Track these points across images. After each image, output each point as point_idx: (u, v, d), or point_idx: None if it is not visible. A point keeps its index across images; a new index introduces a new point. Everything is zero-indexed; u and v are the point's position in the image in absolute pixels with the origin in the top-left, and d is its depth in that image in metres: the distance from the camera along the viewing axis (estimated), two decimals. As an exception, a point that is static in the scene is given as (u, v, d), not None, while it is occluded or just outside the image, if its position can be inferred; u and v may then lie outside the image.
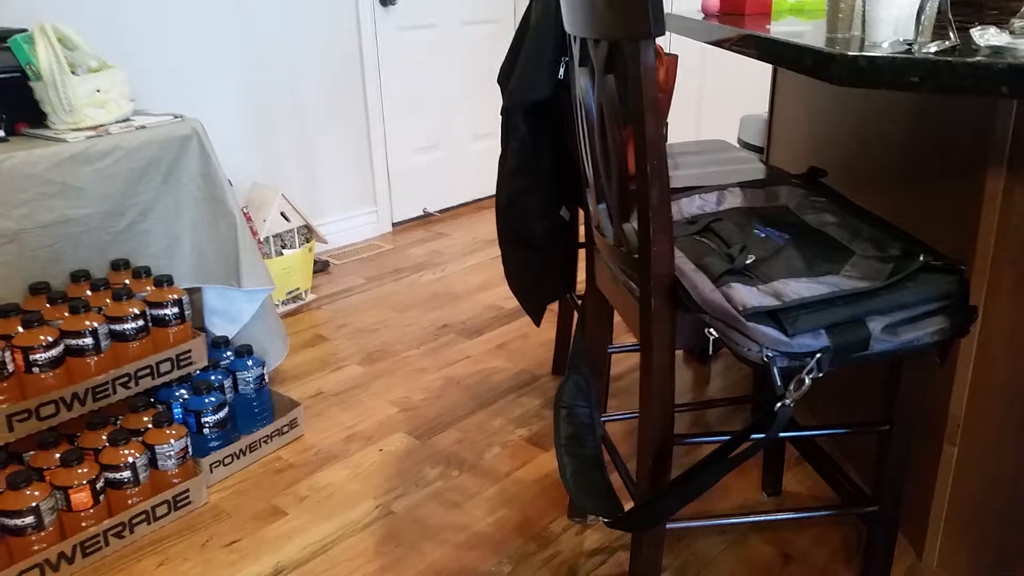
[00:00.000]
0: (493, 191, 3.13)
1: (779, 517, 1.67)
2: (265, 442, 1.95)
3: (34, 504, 1.50)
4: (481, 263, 3.19)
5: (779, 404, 1.03)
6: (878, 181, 1.59)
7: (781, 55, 1.22)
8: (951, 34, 1.11)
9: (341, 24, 3.18)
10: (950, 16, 1.13)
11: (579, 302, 2.07)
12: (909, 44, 1.10)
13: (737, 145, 2.42)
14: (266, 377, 1.98)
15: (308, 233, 2.83)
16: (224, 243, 1.95)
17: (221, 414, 1.83)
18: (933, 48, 1.05)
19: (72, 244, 1.74)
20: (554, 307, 2.29)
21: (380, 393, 2.23)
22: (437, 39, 3.59)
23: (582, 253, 2.64)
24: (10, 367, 1.53)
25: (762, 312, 1.01)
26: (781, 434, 1.10)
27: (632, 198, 1.12)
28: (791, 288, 1.04)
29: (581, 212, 1.97)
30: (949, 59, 0.98)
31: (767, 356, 1.02)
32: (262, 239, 2.64)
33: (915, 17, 1.13)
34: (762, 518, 1.66)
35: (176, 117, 1.89)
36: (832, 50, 1.07)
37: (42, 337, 1.56)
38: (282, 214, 2.73)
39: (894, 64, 1.01)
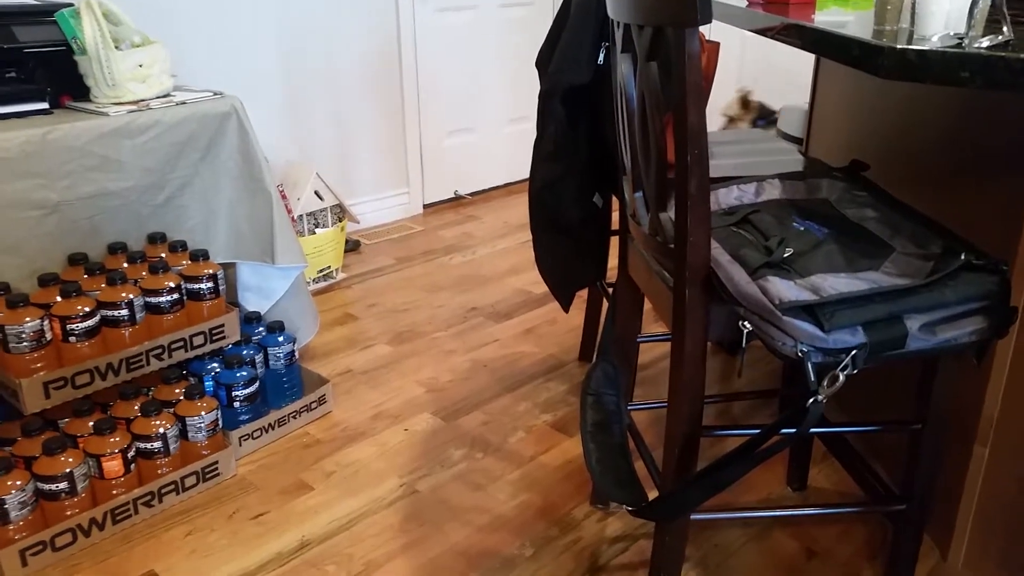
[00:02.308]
0: (526, 175, 3.12)
1: (804, 512, 1.67)
2: (294, 417, 1.97)
3: (68, 470, 1.53)
4: (511, 247, 3.19)
5: (812, 400, 1.02)
6: (921, 176, 1.56)
7: (827, 46, 1.20)
8: (1004, 28, 1.08)
9: (379, 4, 3.18)
10: (1004, 10, 1.10)
11: (609, 289, 2.07)
12: (960, 38, 1.08)
13: (777, 136, 2.40)
14: (296, 353, 2.00)
15: (341, 212, 2.85)
16: (259, 220, 1.97)
17: (251, 388, 1.86)
18: (985, 43, 1.03)
19: (111, 216, 1.77)
20: (583, 293, 2.28)
21: (407, 373, 2.25)
22: (475, 21, 3.57)
23: (614, 241, 2.63)
24: (48, 336, 1.56)
25: (799, 306, 1.00)
26: (811, 430, 1.09)
27: (670, 187, 1.12)
28: (829, 283, 1.03)
29: (614, 199, 1.96)
30: (1002, 54, 0.96)
31: (802, 351, 1.01)
32: (296, 217, 2.66)
33: (967, 10, 1.10)
34: (787, 512, 1.66)
35: (216, 94, 1.91)
36: (880, 42, 1.05)
37: (79, 307, 1.59)
38: (316, 193, 2.74)
39: (944, 58, 0.99)
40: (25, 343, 1.52)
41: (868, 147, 1.76)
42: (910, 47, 1.00)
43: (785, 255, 1.10)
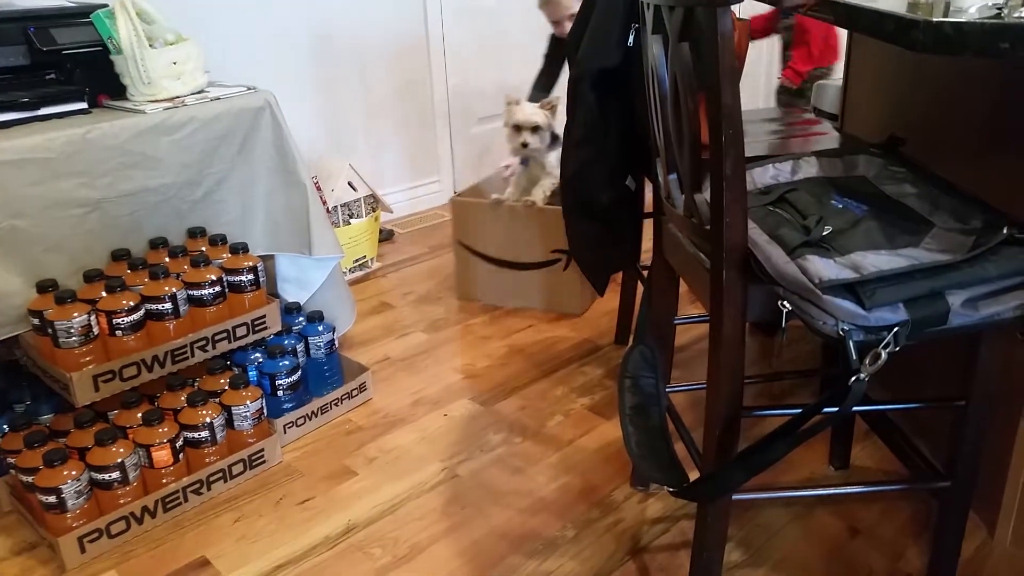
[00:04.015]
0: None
1: (847, 491, 1.66)
2: (335, 405, 2.00)
3: (120, 460, 1.58)
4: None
5: (854, 379, 1.01)
6: (959, 151, 1.54)
7: (860, 21, 1.18)
8: (1045, -3, 1.06)
9: (406, -8, 3.19)
10: (1044, -22, 1.08)
11: (644, 272, 2.07)
12: (999, 8, 1.06)
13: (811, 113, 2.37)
14: (336, 342, 2.03)
15: (374, 203, 2.87)
16: (296, 213, 1.99)
17: (294, 377, 1.89)
18: (1025, 12, 1.01)
19: (151, 212, 1.80)
20: (617, 277, 2.29)
21: (444, 360, 2.27)
22: (502, 8, 3.56)
23: (647, 224, 2.63)
24: (95, 330, 1.60)
25: (839, 285, 1.00)
26: (853, 408, 1.09)
27: (704, 168, 1.11)
28: (869, 261, 1.02)
29: (647, 182, 1.95)
30: (1044, 24, 0.94)
31: (843, 330, 1.01)
32: (330, 208, 2.69)
33: (1006, -20, 1.08)
34: (830, 491, 1.66)
35: (249, 88, 1.93)
36: (915, 16, 1.03)
37: (124, 302, 1.62)
38: (349, 184, 2.77)
39: (983, 30, 0.97)
40: (74, 338, 1.56)
41: (904, 122, 1.74)
42: (946, 20, 0.99)
43: (824, 233, 1.09)
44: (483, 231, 2.52)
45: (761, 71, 3.41)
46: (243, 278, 1.80)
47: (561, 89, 2.66)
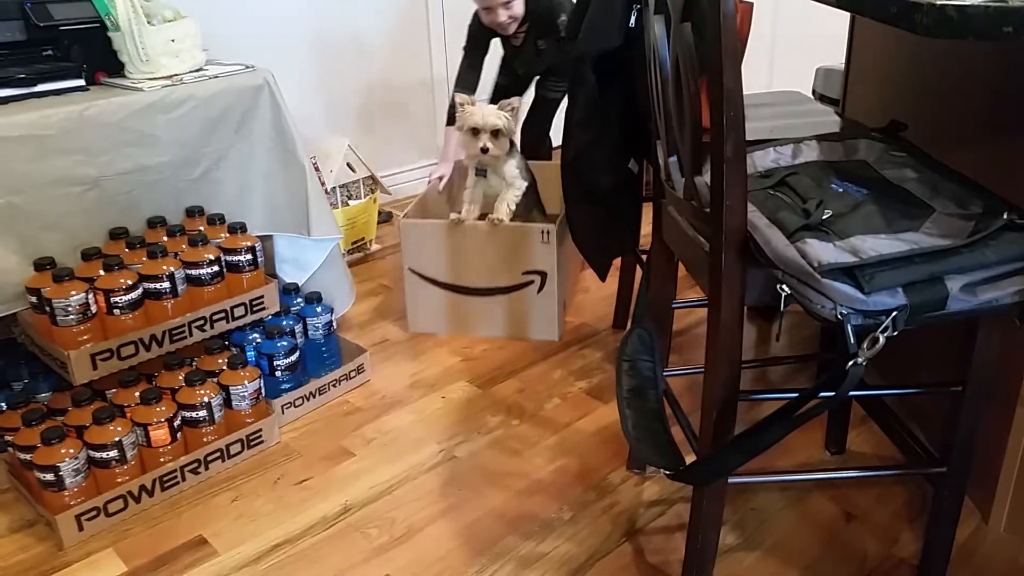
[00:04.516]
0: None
1: (843, 475, 1.67)
2: (333, 386, 2.00)
3: (117, 439, 1.58)
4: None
5: (851, 363, 1.01)
6: (961, 136, 1.53)
7: (863, 4, 1.18)
8: (1050, -19, 1.05)
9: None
10: (1050, -39, 1.07)
11: (643, 257, 2.06)
12: (1003, -9, 1.05)
13: (812, 97, 2.36)
14: (334, 323, 2.03)
15: (373, 184, 2.86)
16: (294, 193, 1.99)
17: (292, 358, 1.89)
18: (1030, -4, 1.00)
19: (149, 191, 1.79)
20: (616, 261, 2.28)
21: (443, 342, 2.27)
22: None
23: (646, 208, 2.63)
24: (93, 308, 1.60)
25: (838, 269, 1.00)
26: (850, 393, 1.09)
27: (705, 150, 1.11)
28: (869, 244, 1.02)
29: (647, 165, 1.95)
30: (1048, 7, 0.93)
31: (841, 314, 1.01)
32: (329, 189, 2.68)
33: (1011, -37, 1.07)
34: (825, 476, 1.66)
35: (247, 67, 1.92)
36: (919, -2, 1.03)
37: (122, 280, 1.62)
38: (348, 165, 2.76)
39: (987, 13, 0.96)
40: (72, 316, 1.56)
41: (906, 107, 1.73)
42: (949, 3, 0.98)
43: (824, 217, 1.09)
44: (439, 255, 2.23)
45: (764, 53, 3.39)
46: (241, 258, 1.79)
47: (487, 90, 2.66)
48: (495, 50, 2.66)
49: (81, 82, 1.77)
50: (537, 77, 2.70)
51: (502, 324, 2.28)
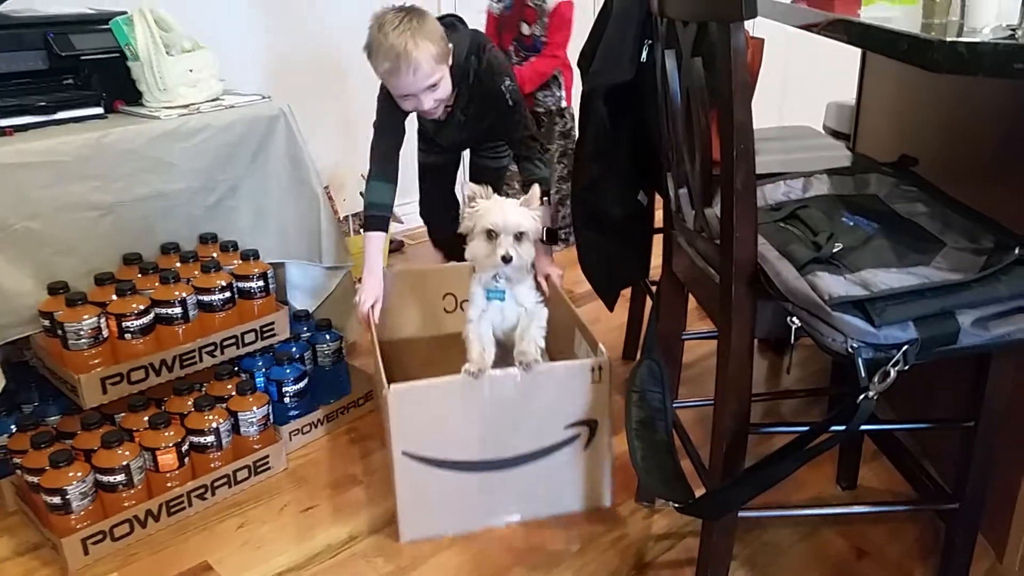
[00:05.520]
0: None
1: (854, 511, 1.65)
2: (342, 413, 2.00)
3: (125, 463, 1.58)
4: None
5: (862, 397, 1.01)
6: (972, 171, 1.54)
7: (875, 40, 1.19)
8: (1059, 19, 1.07)
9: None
10: (1059, 0, 1.08)
11: (652, 287, 2.06)
12: (1013, 29, 1.06)
13: (823, 132, 2.37)
14: (344, 351, 2.03)
15: (384, 212, 2.87)
16: (307, 222, 2.01)
17: (301, 384, 1.89)
18: (1040, 33, 1.01)
19: (163, 217, 1.81)
20: (626, 292, 2.28)
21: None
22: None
23: (657, 239, 2.63)
24: (104, 333, 1.61)
25: (849, 302, 1.00)
26: (861, 427, 1.09)
27: (715, 183, 1.11)
28: (880, 278, 1.02)
29: (658, 197, 1.95)
30: (1057, 46, 0.94)
31: (852, 347, 1.00)
32: (342, 218, 2.70)
33: (1020, 1, 1.08)
34: (837, 511, 1.64)
35: (264, 97, 1.95)
36: (929, 36, 1.04)
37: (134, 305, 1.63)
38: (361, 194, 2.77)
39: (996, 51, 0.98)
40: (83, 340, 1.57)
41: (917, 142, 1.74)
42: (960, 40, 0.99)
43: (834, 250, 1.09)
44: (447, 427, 1.58)
45: (775, 88, 3.41)
46: (253, 284, 1.80)
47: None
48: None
49: (100, 110, 1.80)
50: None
51: (532, 498, 1.65)
